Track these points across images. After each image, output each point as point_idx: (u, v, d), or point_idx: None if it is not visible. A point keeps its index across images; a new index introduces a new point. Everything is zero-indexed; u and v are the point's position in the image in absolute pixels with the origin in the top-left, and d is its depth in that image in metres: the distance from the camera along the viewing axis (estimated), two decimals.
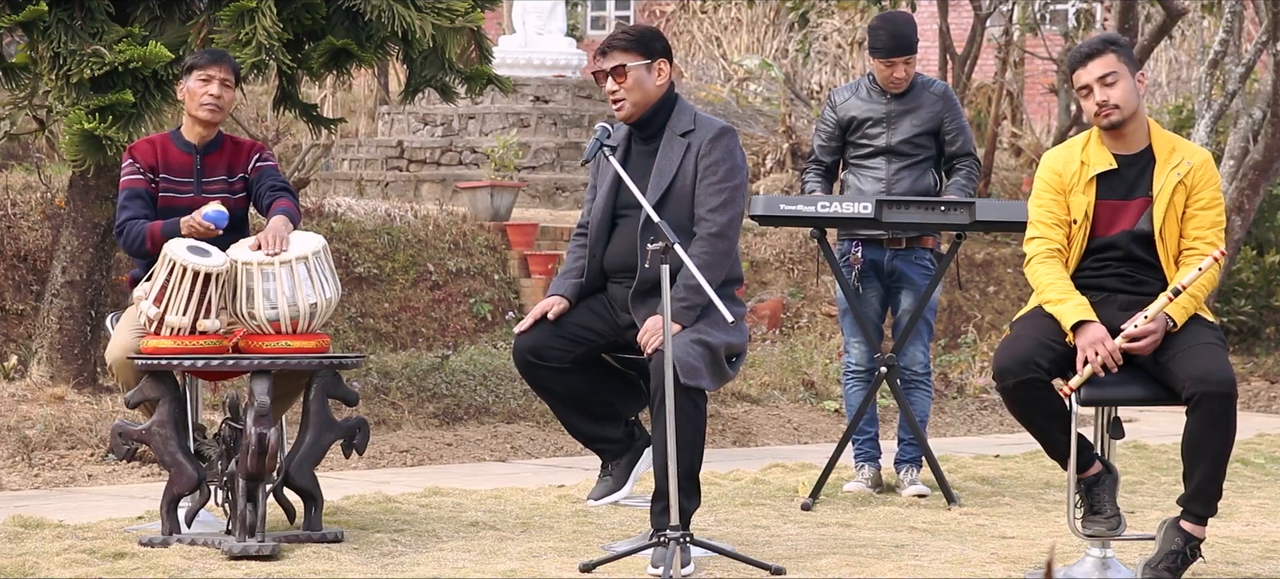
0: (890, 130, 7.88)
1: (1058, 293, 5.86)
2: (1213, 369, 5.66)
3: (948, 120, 7.91)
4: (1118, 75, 5.88)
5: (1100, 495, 5.90)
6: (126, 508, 7.32)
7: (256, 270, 6.37)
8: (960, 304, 14.25)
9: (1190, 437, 5.72)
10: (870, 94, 7.93)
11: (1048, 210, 5.98)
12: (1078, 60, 5.94)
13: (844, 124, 7.96)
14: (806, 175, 8.05)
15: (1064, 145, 6.07)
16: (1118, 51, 5.91)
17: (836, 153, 8.02)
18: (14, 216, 10.93)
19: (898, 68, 7.81)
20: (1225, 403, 5.64)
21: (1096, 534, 5.91)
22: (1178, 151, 5.95)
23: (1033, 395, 5.79)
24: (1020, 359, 5.78)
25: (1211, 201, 5.92)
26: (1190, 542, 5.80)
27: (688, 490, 6.07)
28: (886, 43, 7.78)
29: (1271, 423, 11.70)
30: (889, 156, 7.89)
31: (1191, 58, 17.13)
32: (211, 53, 6.82)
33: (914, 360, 7.97)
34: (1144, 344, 5.77)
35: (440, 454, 9.29)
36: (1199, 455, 5.73)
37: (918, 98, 7.90)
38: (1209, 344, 5.75)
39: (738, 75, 20.33)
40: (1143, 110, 5.98)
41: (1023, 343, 5.83)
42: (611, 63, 6.34)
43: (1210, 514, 5.82)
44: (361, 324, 12.04)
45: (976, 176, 7.93)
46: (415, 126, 17.41)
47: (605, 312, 6.45)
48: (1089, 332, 5.77)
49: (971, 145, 7.96)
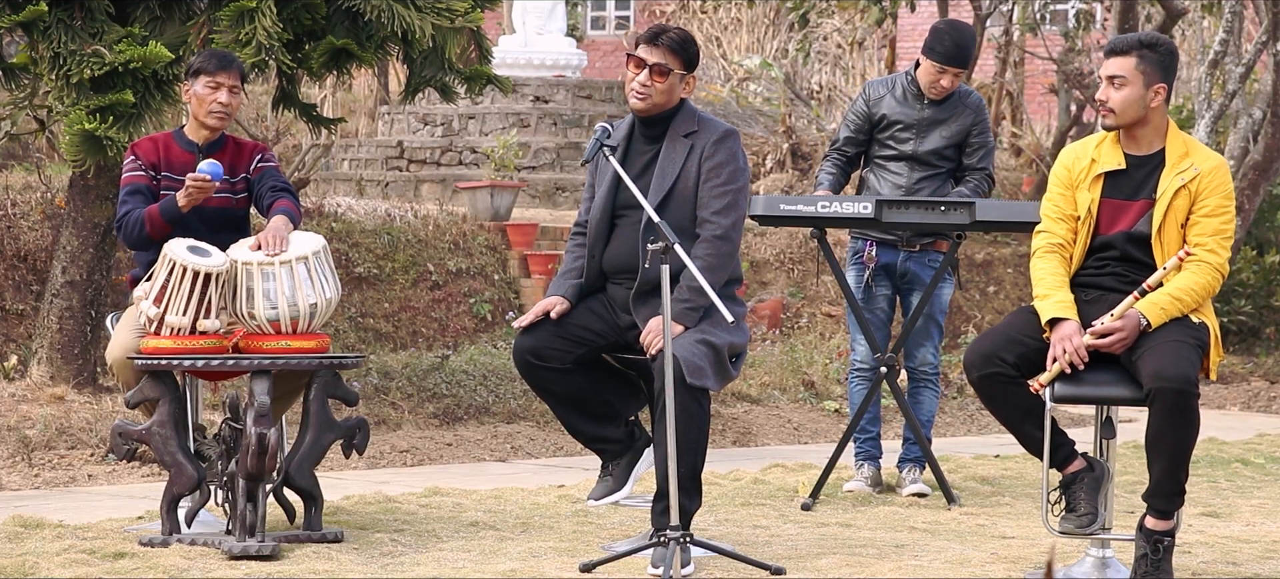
0: (919, 138, 7.83)
1: (1045, 288, 5.90)
2: (1168, 365, 5.66)
3: (975, 133, 7.86)
4: (1126, 81, 5.88)
5: (1077, 493, 5.91)
6: (126, 508, 7.32)
7: (256, 270, 6.38)
8: (960, 304, 14.25)
9: (1149, 432, 5.76)
10: (906, 95, 7.86)
11: (1055, 204, 6.01)
12: (1106, 50, 5.96)
13: (875, 120, 7.91)
14: (826, 162, 7.99)
15: (1082, 141, 6.10)
16: (1142, 58, 5.89)
17: (862, 146, 7.96)
18: (14, 216, 10.93)
19: (946, 76, 7.75)
20: (1180, 399, 5.64)
21: (1068, 531, 5.92)
22: (1189, 156, 5.93)
23: (997, 390, 5.85)
24: (984, 354, 5.85)
25: (1217, 209, 5.90)
26: (1153, 538, 5.80)
27: (690, 490, 6.07)
28: (948, 49, 7.70)
29: (1271, 423, 11.70)
30: (913, 164, 7.84)
31: (1191, 58, 17.13)
32: (219, 56, 6.78)
33: (924, 361, 7.98)
34: (1111, 341, 5.78)
35: (440, 454, 9.29)
36: (1158, 451, 5.75)
37: (952, 109, 7.84)
38: (1175, 341, 5.74)
39: (738, 75, 20.33)
40: (1158, 118, 5.94)
41: (992, 338, 5.91)
42: (656, 59, 6.32)
43: (1174, 508, 5.83)
44: (361, 324, 12.04)
45: (984, 193, 7.85)
46: (415, 126, 17.41)
47: (606, 312, 6.45)
48: (1061, 328, 5.82)
49: (990, 163, 7.89)
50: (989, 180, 7.91)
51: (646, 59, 6.31)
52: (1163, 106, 5.93)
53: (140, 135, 8.21)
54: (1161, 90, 5.90)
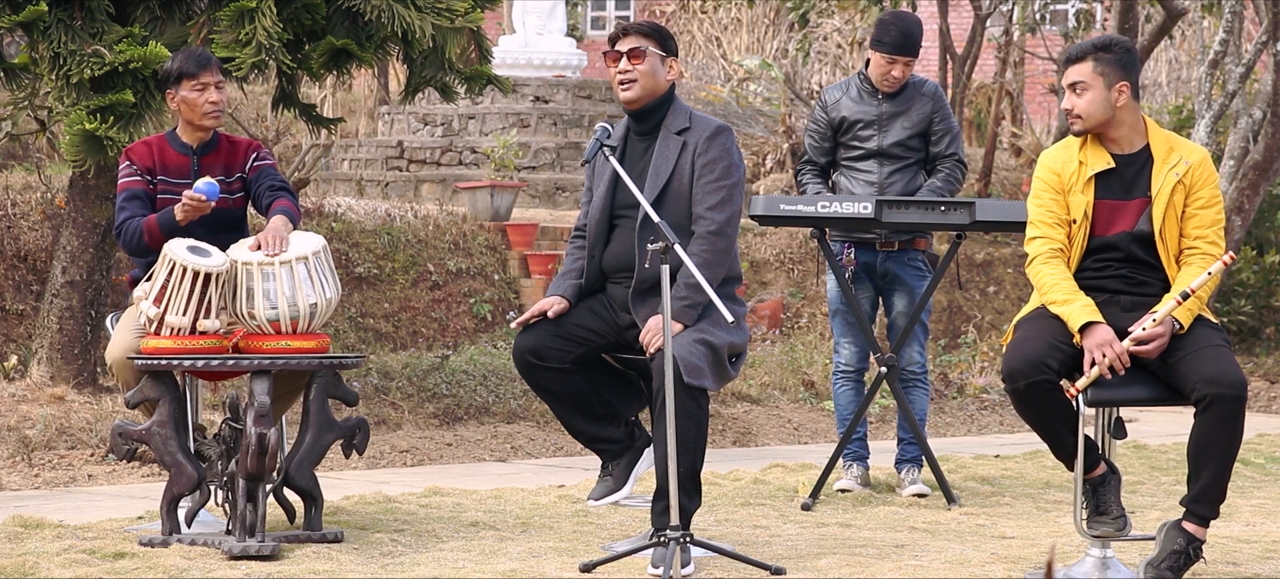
0: (881, 133, 7.86)
1: (1063, 294, 5.86)
2: (1225, 372, 5.67)
3: (937, 120, 7.89)
4: (1087, 85, 5.88)
5: (1106, 496, 5.91)
6: (126, 508, 7.32)
7: (256, 270, 6.37)
8: (960, 304, 14.25)
9: (1198, 438, 5.72)
10: (861, 94, 7.90)
11: (1048, 209, 5.98)
12: (1062, 62, 5.98)
13: (835, 125, 7.93)
14: (802, 176, 8.03)
15: (1061, 145, 6.07)
16: (1098, 60, 5.89)
17: (829, 154, 7.99)
18: (14, 216, 10.93)
19: (897, 67, 7.80)
20: (1236, 406, 5.65)
21: (1103, 535, 5.91)
22: (1176, 151, 5.95)
23: (1043, 397, 5.78)
24: (1031, 361, 5.77)
25: (1210, 200, 5.92)
26: (1192, 543, 5.80)
27: (689, 490, 6.07)
28: (895, 39, 7.75)
29: (1271, 423, 11.71)
30: (881, 159, 7.87)
31: (1191, 58, 17.13)
32: (196, 56, 6.73)
33: (911, 360, 7.98)
34: (1151, 348, 5.77)
35: (440, 454, 9.29)
36: (1206, 457, 5.73)
37: (909, 100, 7.87)
38: (1217, 346, 5.76)
39: (738, 75, 20.33)
40: (1129, 115, 5.93)
41: (1033, 344, 5.82)
42: (629, 44, 6.38)
43: (1213, 517, 5.82)
44: (361, 324, 12.04)
45: (958, 179, 7.87)
46: (415, 126, 17.41)
47: (605, 312, 6.46)
48: (1096, 333, 5.77)
49: (958, 148, 7.92)
50: (960, 166, 7.92)
51: (621, 49, 6.39)
52: (1131, 103, 5.91)
53: (140, 135, 8.22)
54: (1124, 88, 5.89)
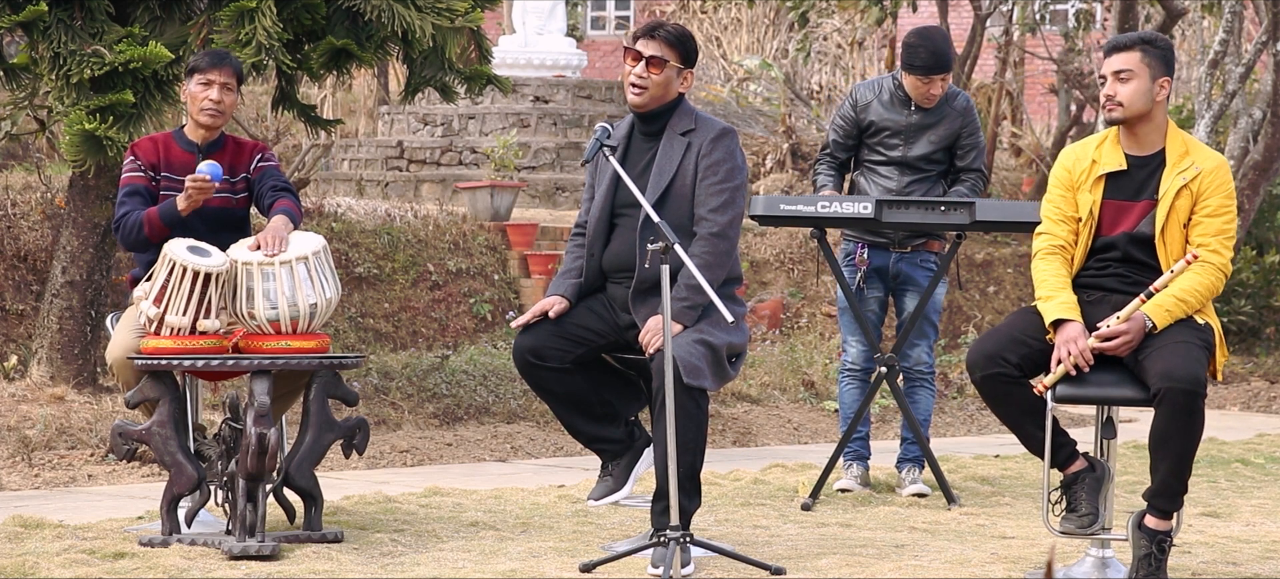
0: (908, 145, 7.81)
1: (1048, 289, 5.90)
2: (1179, 366, 5.66)
3: (965, 134, 7.82)
4: (1134, 74, 5.88)
5: (1078, 493, 5.92)
6: (126, 508, 7.32)
7: (256, 270, 6.37)
8: (960, 304, 14.25)
9: (1155, 433, 5.75)
10: (893, 101, 7.82)
11: (1056, 206, 6.01)
12: (1107, 49, 5.95)
13: (862, 125, 7.89)
14: (819, 165, 7.98)
15: (1082, 142, 6.09)
16: (1146, 52, 5.89)
17: (851, 150, 7.96)
18: (14, 216, 10.93)
19: (934, 85, 7.72)
20: (1188, 400, 5.64)
21: (1068, 531, 5.93)
22: (1189, 156, 5.93)
23: (1000, 390, 5.85)
24: (988, 354, 5.85)
25: (1219, 209, 5.90)
26: (1156, 538, 5.80)
27: (689, 490, 6.07)
28: (926, 60, 7.66)
29: (1271, 423, 11.71)
30: (903, 168, 7.83)
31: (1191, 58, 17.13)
32: (213, 55, 6.78)
33: (918, 360, 7.97)
34: (1117, 344, 5.78)
35: (440, 454, 9.29)
36: (1164, 451, 5.75)
37: (940, 113, 7.79)
38: (1183, 343, 5.75)
39: (738, 75, 20.32)
40: (1160, 115, 5.94)
41: (995, 339, 5.90)
42: (652, 51, 6.33)
43: (1176, 509, 5.83)
44: (361, 324, 12.04)
45: (979, 192, 7.84)
46: (415, 126, 17.41)
47: (605, 312, 6.45)
48: (1066, 330, 5.81)
49: (982, 162, 7.89)
50: (983, 179, 7.91)
51: (643, 51, 6.33)
52: (1165, 102, 5.94)
53: (140, 135, 8.22)
54: (1166, 84, 5.91)
